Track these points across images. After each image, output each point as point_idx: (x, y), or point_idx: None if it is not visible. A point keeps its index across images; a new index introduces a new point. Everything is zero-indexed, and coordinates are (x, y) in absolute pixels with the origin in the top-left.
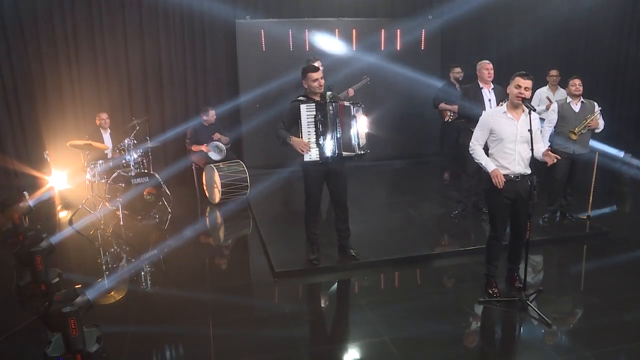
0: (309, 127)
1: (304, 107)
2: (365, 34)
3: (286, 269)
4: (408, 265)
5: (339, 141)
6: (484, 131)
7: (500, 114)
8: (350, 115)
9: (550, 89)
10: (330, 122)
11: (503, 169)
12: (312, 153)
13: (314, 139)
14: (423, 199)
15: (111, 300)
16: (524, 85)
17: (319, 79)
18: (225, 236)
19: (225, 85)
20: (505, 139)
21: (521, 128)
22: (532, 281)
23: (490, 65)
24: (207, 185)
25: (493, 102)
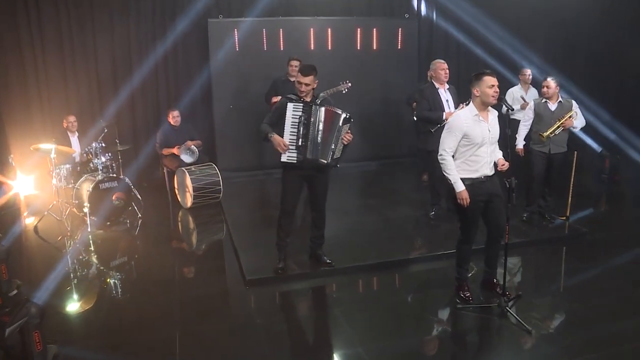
0: (291, 127)
1: (291, 105)
2: (341, 33)
3: (258, 277)
4: (384, 270)
5: (318, 147)
6: (457, 137)
7: (472, 117)
8: (337, 125)
9: (523, 87)
10: (313, 126)
11: (473, 173)
12: (291, 154)
13: (294, 140)
14: (399, 201)
15: (74, 311)
16: (495, 83)
17: (304, 85)
18: (197, 242)
19: (198, 86)
20: (479, 143)
21: (492, 129)
22: (511, 285)
23: (445, 65)
24: (179, 189)
25: (451, 102)
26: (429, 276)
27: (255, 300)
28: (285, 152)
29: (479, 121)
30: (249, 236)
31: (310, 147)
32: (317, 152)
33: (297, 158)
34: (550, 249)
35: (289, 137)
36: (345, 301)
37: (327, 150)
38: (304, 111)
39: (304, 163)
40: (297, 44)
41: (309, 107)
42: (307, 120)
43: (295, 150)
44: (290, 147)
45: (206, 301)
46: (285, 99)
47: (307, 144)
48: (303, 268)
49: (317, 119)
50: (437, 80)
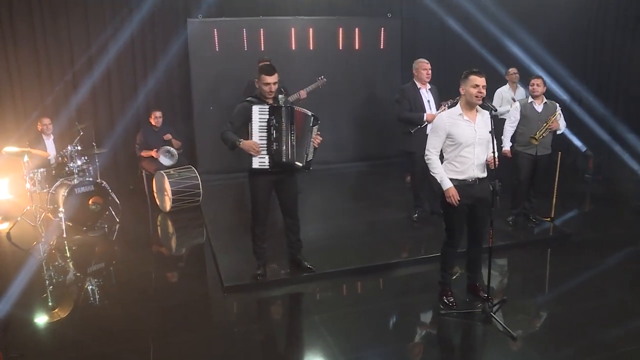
0: (260, 132)
1: (257, 108)
2: (323, 33)
3: (236, 283)
4: (366, 275)
5: (293, 150)
6: (441, 136)
7: (456, 117)
8: (308, 126)
9: (511, 87)
10: (285, 128)
11: (460, 174)
12: (262, 159)
13: (266, 145)
14: (383, 204)
15: (42, 323)
16: (481, 84)
17: (272, 84)
18: (175, 247)
19: (178, 87)
20: (464, 142)
21: (479, 130)
22: (495, 290)
23: (428, 64)
24: (158, 193)
25: (432, 103)
26: (411, 281)
27: (233, 308)
28: (256, 157)
29: (464, 121)
30: (228, 241)
31: (286, 150)
32: (292, 155)
33: (269, 163)
34: (535, 252)
35: (258, 141)
36: (326, 308)
37: (302, 153)
38: (272, 114)
39: (278, 167)
40: (278, 44)
41: (279, 110)
42: (278, 122)
43: (267, 155)
44: (261, 151)
45: (182, 309)
46: (248, 103)
47: (281, 147)
48: (283, 274)
49: (288, 121)
50: (419, 80)
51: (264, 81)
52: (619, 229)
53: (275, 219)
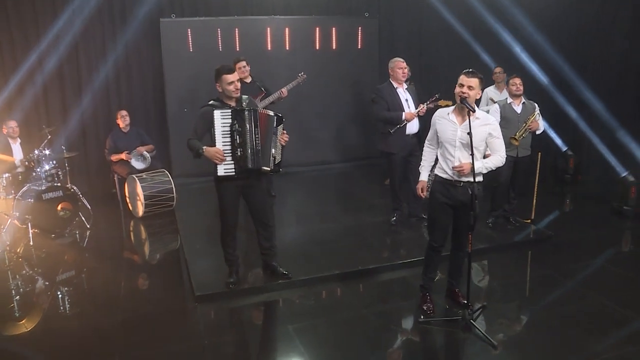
0: (223, 137)
1: (219, 113)
2: (299, 32)
3: (207, 292)
4: (344, 281)
5: (258, 154)
6: (432, 130)
7: (445, 115)
8: (272, 127)
9: (497, 87)
10: (249, 133)
11: (444, 173)
12: (228, 166)
13: (230, 151)
14: (362, 206)
15: (9, 333)
16: (466, 84)
17: (235, 82)
18: (147, 254)
19: (151, 88)
20: (445, 142)
21: (462, 133)
22: (475, 295)
23: (404, 63)
24: (130, 198)
25: (410, 102)
26: (390, 287)
27: (204, 318)
28: (221, 164)
29: (449, 121)
30: (201, 247)
31: (251, 156)
32: (258, 161)
33: (236, 169)
34: (515, 254)
35: (222, 148)
36: (301, 317)
37: (268, 157)
38: (234, 118)
39: (244, 174)
40: (254, 44)
41: (241, 113)
42: (241, 127)
43: (233, 161)
44: (226, 158)
45: (151, 320)
46: (210, 107)
47: (246, 153)
48: (256, 281)
49: (251, 124)
50: (395, 80)
51: (227, 81)
52: (599, 230)
53: (248, 222)
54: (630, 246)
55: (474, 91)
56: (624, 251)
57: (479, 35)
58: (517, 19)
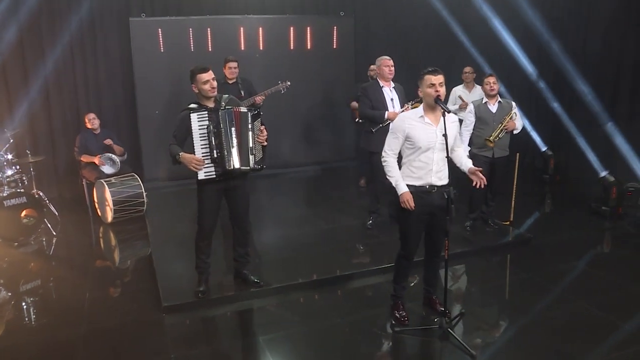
0: (201, 140)
1: (195, 116)
2: (273, 32)
3: (176, 302)
4: (318, 289)
5: (236, 154)
6: (398, 138)
7: (416, 119)
8: (246, 124)
9: (466, 87)
10: (224, 132)
11: (417, 180)
12: (208, 169)
13: (208, 153)
14: (337, 210)
15: None
16: (437, 82)
17: (211, 81)
18: (115, 262)
19: (121, 90)
20: (423, 147)
21: (440, 134)
22: (453, 302)
23: (391, 61)
24: (99, 203)
25: (396, 101)
26: (366, 294)
27: (172, 330)
28: (201, 169)
29: (425, 124)
30: (171, 254)
31: (228, 157)
32: (237, 161)
33: (217, 172)
34: (494, 258)
35: (201, 151)
36: (272, 327)
37: (246, 156)
38: (210, 119)
39: (225, 176)
40: (227, 44)
41: (215, 113)
42: (216, 128)
43: (212, 164)
44: (206, 161)
45: (115, 333)
46: (187, 110)
47: (223, 154)
48: (227, 290)
49: (226, 124)
50: (382, 78)
51: (202, 80)
52: (579, 231)
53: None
54: (609, 247)
55: (444, 88)
56: (604, 253)
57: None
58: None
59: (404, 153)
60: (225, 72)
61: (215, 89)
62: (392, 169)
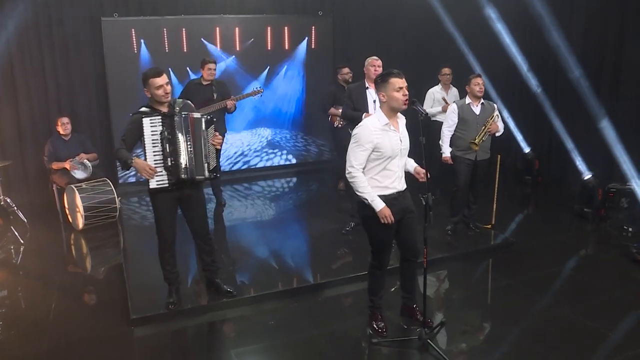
0: (154, 146)
1: (147, 121)
2: (250, 32)
3: (145, 314)
4: (294, 298)
5: (192, 162)
6: (367, 150)
7: (383, 127)
8: (200, 131)
9: (443, 88)
10: (179, 139)
11: (386, 190)
12: (160, 177)
13: (161, 161)
14: (314, 214)
15: None
16: (404, 85)
17: (165, 85)
18: (84, 272)
19: (93, 92)
20: (392, 155)
21: (403, 139)
22: (434, 310)
23: (378, 61)
24: (70, 209)
25: (378, 103)
26: (343, 303)
27: (139, 344)
28: (154, 177)
29: (390, 131)
30: (143, 263)
31: (183, 165)
32: (192, 170)
33: (170, 180)
34: (476, 263)
35: (153, 158)
36: (245, 340)
37: (201, 164)
38: (164, 125)
39: (178, 185)
40: (203, 45)
41: (170, 119)
42: (171, 134)
43: (165, 172)
44: (158, 169)
45: (80, 348)
46: (139, 114)
47: (178, 162)
48: (199, 300)
49: (182, 130)
50: (367, 79)
51: (155, 85)
52: (562, 235)
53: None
54: (593, 251)
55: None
56: (587, 256)
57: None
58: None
59: (367, 165)
60: (203, 73)
61: (169, 94)
62: (364, 184)
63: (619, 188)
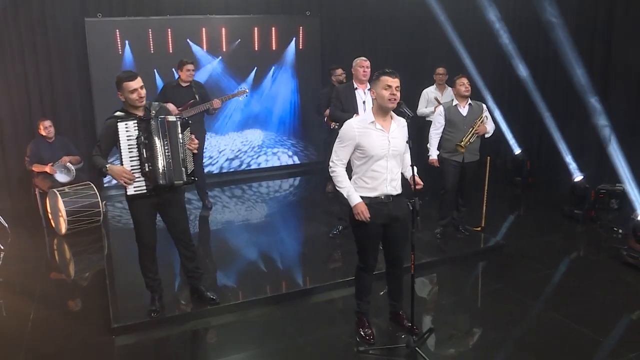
0: (130, 151)
1: (123, 125)
2: (237, 32)
3: (127, 323)
4: (280, 304)
5: (170, 167)
6: (348, 147)
7: (367, 125)
8: (177, 133)
9: (438, 88)
10: (156, 144)
11: (371, 192)
12: (138, 184)
13: (138, 166)
14: (302, 217)
15: None
16: (394, 85)
17: (139, 89)
18: (65, 279)
19: (77, 93)
20: (376, 155)
21: (393, 140)
22: (422, 316)
23: (367, 62)
24: (52, 214)
25: (368, 103)
26: (329, 309)
27: (120, 354)
28: (131, 183)
29: (376, 130)
30: (127, 269)
31: (161, 170)
32: (170, 175)
33: (147, 186)
34: (466, 267)
35: (130, 163)
36: (228, 349)
37: (179, 168)
38: (140, 129)
39: (157, 190)
40: (188, 45)
41: (147, 123)
42: (147, 139)
43: (143, 178)
44: (135, 175)
45: (58, 359)
46: (113, 119)
47: (155, 167)
48: (183, 308)
49: (159, 134)
50: (357, 80)
51: (129, 89)
52: (551, 237)
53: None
54: (583, 253)
55: (399, 94)
56: (578, 259)
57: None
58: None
59: (353, 164)
60: (182, 75)
61: (144, 98)
62: (343, 179)
63: (609, 189)
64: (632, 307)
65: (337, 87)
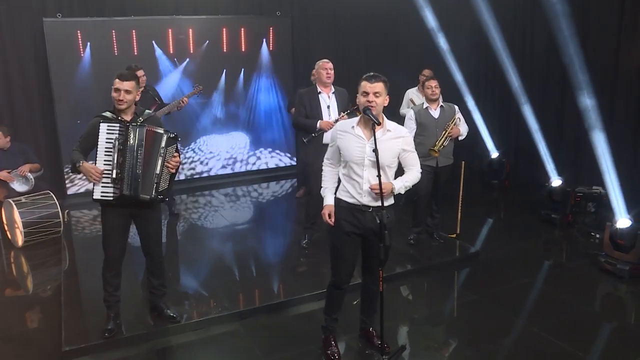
0: (106, 154)
1: (105, 126)
2: (204, 33)
3: (79, 345)
4: (243, 322)
5: (138, 179)
6: (333, 147)
7: (348, 129)
8: (158, 147)
9: (420, 90)
10: (130, 151)
11: (350, 198)
12: (106, 189)
13: (109, 171)
14: (271, 226)
15: None
16: (371, 91)
17: (122, 92)
18: (17, 296)
19: (37, 98)
20: (351, 161)
21: (371, 150)
22: (393, 333)
23: (329, 64)
24: (8, 225)
25: (333, 108)
26: (296, 326)
27: None
28: (99, 186)
29: (355, 136)
30: (85, 284)
31: (128, 180)
32: (136, 186)
33: (114, 194)
34: (440, 277)
35: (103, 166)
36: None
37: (149, 183)
38: (120, 133)
39: (121, 200)
40: (154, 47)
41: (126, 129)
42: (123, 145)
43: (112, 183)
44: (105, 179)
45: None
46: (99, 118)
47: (123, 175)
48: (141, 327)
49: (135, 142)
50: (320, 83)
51: (114, 86)
52: (528, 243)
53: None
54: (560, 260)
55: (381, 98)
56: (554, 267)
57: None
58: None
59: (341, 165)
60: None
61: (124, 102)
62: (325, 178)
63: (585, 192)
64: (611, 316)
65: (299, 91)
